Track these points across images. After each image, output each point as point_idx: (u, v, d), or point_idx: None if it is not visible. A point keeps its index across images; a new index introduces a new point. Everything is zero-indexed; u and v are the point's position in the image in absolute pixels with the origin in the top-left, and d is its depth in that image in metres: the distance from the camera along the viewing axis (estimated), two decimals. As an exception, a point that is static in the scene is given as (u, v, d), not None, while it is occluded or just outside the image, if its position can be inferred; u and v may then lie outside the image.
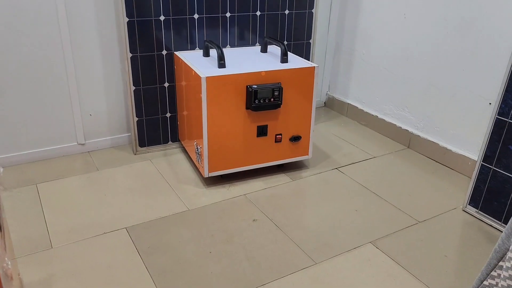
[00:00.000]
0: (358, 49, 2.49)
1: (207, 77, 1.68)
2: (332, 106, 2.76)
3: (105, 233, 1.58)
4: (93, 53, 2.00)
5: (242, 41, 2.16)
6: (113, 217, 1.66)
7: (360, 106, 2.56)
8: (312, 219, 1.69)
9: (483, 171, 1.67)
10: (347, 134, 2.42)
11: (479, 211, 1.71)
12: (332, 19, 2.58)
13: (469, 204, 1.74)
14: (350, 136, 2.40)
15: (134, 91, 2.03)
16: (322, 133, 2.42)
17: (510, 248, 0.94)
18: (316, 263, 1.46)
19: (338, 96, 2.72)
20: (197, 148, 1.87)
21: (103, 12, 1.95)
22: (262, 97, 1.76)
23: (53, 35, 1.88)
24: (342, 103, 2.67)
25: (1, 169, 1.10)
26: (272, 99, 1.78)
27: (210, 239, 1.56)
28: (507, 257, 0.95)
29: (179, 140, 2.22)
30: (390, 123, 2.37)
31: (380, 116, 2.43)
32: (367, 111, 2.51)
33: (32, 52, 1.87)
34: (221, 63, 1.77)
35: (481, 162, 1.67)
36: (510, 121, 1.55)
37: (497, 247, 0.98)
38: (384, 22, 2.29)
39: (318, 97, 2.78)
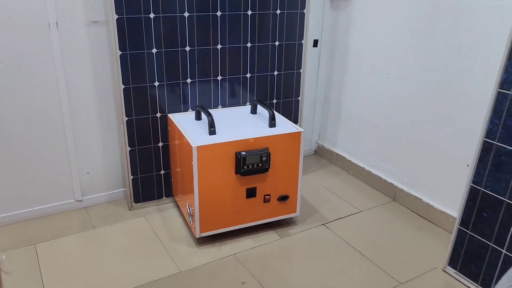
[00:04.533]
0: (345, 102, 2.60)
1: (198, 147, 1.78)
2: (322, 154, 2.86)
3: (99, 299, 1.66)
4: (91, 118, 2.10)
5: (233, 99, 2.26)
6: (107, 281, 1.74)
7: (348, 157, 2.65)
8: (299, 282, 1.76)
9: (460, 234, 1.75)
10: (336, 185, 2.51)
11: (458, 272, 1.79)
12: (320, 73, 2.70)
13: (448, 265, 1.82)
14: (338, 187, 2.49)
15: (130, 151, 2.12)
16: (312, 184, 2.51)
17: None
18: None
19: (327, 145, 2.82)
20: (189, 209, 1.96)
21: (100, 79, 2.06)
22: (251, 163, 1.85)
23: (53, 108, 1.99)
24: (331, 153, 2.77)
25: (3, 256, 1.18)
26: (260, 164, 1.88)
27: (200, 304, 1.64)
28: None
29: (172, 195, 2.30)
30: (376, 175, 2.46)
31: (367, 168, 2.53)
32: (355, 162, 2.60)
33: (30, 113, 1.98)
34: (212, 131, 1.87)
35: (458, 226, 1.76)
36: (484, 190, 1.65)
37: None
38: (369, 80, 2.40)
39: (308, 146, 2.88)
